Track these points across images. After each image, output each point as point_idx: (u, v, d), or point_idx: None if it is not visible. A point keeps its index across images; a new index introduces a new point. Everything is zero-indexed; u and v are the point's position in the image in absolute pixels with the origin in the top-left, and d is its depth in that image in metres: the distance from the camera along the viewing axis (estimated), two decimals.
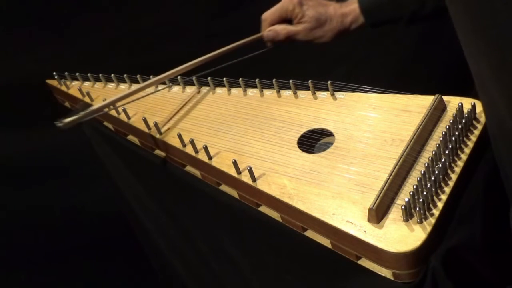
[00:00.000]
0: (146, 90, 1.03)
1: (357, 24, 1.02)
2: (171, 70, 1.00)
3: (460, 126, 0.81)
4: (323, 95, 0.96)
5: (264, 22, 1.05)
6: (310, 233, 0.81)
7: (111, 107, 1.02)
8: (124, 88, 1.12)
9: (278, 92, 1.00)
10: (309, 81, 0.96)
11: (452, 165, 0.79)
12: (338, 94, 0.95)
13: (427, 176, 0.76)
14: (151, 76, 1.04)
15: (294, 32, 1.02)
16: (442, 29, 1.36)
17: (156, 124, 0.98)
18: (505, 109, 0.66)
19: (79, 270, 1.40)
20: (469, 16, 0.61)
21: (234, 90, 1.04)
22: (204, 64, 1.02)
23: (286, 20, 1.03)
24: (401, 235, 0.72)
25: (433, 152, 0.78)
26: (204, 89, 1.06)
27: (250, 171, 0.84)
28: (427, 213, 0.73)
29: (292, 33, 1.02)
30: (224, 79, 1.03)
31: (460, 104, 0.84)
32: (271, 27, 1.03)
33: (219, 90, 1.05)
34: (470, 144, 0.82)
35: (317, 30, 1.01)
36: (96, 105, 0.93)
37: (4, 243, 1.34)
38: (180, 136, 0.94)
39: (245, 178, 0.85)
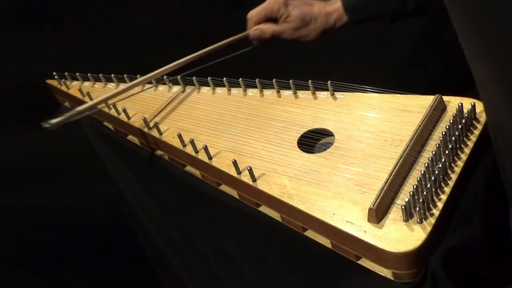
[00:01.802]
0: (135, 89, 1.04)
1: (342, 22, 1.03)
2: (156, 70, 1.01)
3: (460, 126, 0.81)
4: (323, 95, 0.96)
5: (250, 20, 1.06)
6: (310, 233, 0.81)
7: (99, 106, 1.02)
8: (122, 87, 1.12)
9: (278, 92, 1.00)
10: (309, 81, 0.96)
11: (452, 165, 0.79)
12: (338, 94, 0.95)
13: (427, 176, 0.76)
14: (138, 75, 1.05)
15: (280, 31, 1.04)
16: (442, 29, 1.36)
17: (156, 124, 0.98)
18: (505, 112, 0.66)
19: (78, 270, 1.40)
20: (470, 19, 0.62)
21: (234, 90, 1.04)
22: (190, 63, 1.03)
23: (272, 19, 1.05)
24: (401, 235, 0.72)
25: (433, 152, 0.78)
26: (204, 89, 1.06)
27: (250, 171, 0.84)
28: (427, 213, 0.73)
29: (277, 32, 1.04)
30: (224, 79, 1.03)
31: (460, 104, 0.84)
32: (257, 26, 1.05)
33: (219, 90, 1.05)
34: (470, 144, 0.82)
35: (302, 30, 1.03)
36: (82, 106, 0.94)
37: (4, 243, 1.34)
38: (180, 136, 0.94)
39: (245, 178, 0.85)
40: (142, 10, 1.38)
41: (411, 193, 0.74)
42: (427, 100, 0.87)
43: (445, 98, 0.88)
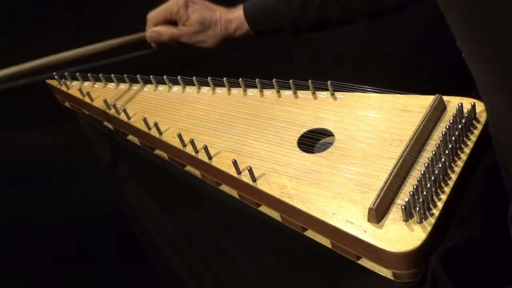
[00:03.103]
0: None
1: (242, 31, 1.01)
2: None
3: (460, 126, 0.81)
4: (323, 95, 0.96)
5: (149, 22, 1.03)
6: (310, 233, 0.81)
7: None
8: (123, 87, 1.12)
9: (278, 92, 1.00)
10: (309, 81, 0.96)
11: (452, 165, 0.79)
12: (338, 94, 0.95)
13: (427, 176, 0.76)
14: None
15: (177, 35, 1.01)
16: (442, 30, 1.36)
17: (156, 124, 0.98)
18: (507, 113, 0.66)
19: (78, 270, 1.40)
20: (469, 23, 0.61)
21: (234, 90, 1.04)
22: (78, 59, 1.02)
23: (171, 21, 1.02)
24: (401, 235, 0.72)
25: (433, 152, 0.78)
26: (204, 89, 1.06)
27: (250, 171, 0.84)
28: (427, 213, 0.73)
29: (175, 35, 1.01)
30: (224, 79, 1.03)
31: (460, 104, 0.84)
32: (154, 28, 1.02)
33: (219, 90, 1.05)
34: (470, 144, 0.82)
35: (200, 35, 1.01)
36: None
37: (4, 243, 1.34)
38: (180, 136, 0.94)
39: (245, 178, 0.85)
40: (142, 10, 1.38)
41: (411, 193, 0.74)
42: (427, 100, 0.87)
43: (445, 98, 0.88)
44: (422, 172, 0.75)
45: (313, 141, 0.90)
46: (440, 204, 0.75)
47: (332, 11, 0.98)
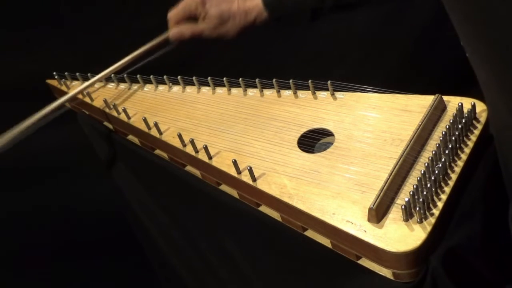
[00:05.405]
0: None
1: (262, 19, 1.01)
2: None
3: (460, 126, 0.81)
4: (323, 95, 0.96)
5: (170, 21, 1.04)
6: (310, 233, 0.81)
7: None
8: (123, 87, 1.12)
9: (278, 92, 1.00)
10: (309, 81, 0.96)
11: (452, 165, 0.79)
12: (338, 94, 0.95)
13: (427, 176, 0.76)
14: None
15: (199, 31, 1.02)
16: (442, 29, 1.36)
17: (156, 124, 0.98)
18: (507, 113, 0.66)
19: (78, 270, 1.40)
20: (471, 23, 0.62)
21: (234, 90, 1.04)
22: (118, 71, 1.08)
23: (191, 18, 1.03)
24: (401, 235, 0.72)
25: (433, 152, 0.78)
26: (204, 89, 1.06)
27: (250, 171, 0.84)
28: (427, 213, 0.73)
29: (196, 32, 1.02)
30: (224, 79, 1.03)
31: (460, 104, 0.84)
32: (175, 28, 1.03)
33: (219, 90, 1.05)
34: (470, 144, 0.82)
35: (220, 28, 1.01)
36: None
37: (4, 243, 1.34)
38: (180, 136, 0.94)
39: (245, 178, 0.85)
40: (142, 11, 1.38)
41: (411, 192, 0.74)
42: (427, 100, 0.87)
43: (445, 98, 0.88)
44: (422, 172, 0.75)
45: (313, 141, 0.90)
46: (440, 204, 0.75)
47: None
